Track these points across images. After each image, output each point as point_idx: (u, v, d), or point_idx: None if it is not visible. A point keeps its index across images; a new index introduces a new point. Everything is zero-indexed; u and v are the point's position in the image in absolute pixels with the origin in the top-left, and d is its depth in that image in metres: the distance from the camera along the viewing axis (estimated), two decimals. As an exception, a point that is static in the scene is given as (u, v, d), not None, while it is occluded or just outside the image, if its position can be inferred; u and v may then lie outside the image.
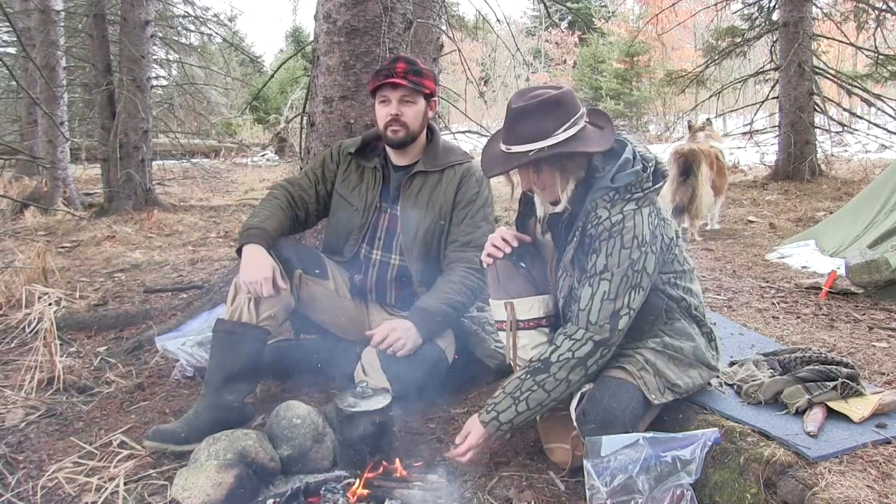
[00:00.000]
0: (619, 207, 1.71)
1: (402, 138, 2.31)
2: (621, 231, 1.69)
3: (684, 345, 1.84)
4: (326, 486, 1.73)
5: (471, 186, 2.37)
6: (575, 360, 1.70)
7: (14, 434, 2.19)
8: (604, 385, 1.74)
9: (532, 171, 1.76)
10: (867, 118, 11.05)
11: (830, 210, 6.14)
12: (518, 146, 1.72)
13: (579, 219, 1.76)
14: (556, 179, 1.76)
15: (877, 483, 1.47)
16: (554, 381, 1.70)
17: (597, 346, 1.70)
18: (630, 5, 26.60)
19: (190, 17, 10.14)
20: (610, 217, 1.70)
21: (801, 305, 3.13)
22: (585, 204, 1.75)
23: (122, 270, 4.66)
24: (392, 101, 2.27)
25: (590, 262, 1.73)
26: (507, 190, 1.95)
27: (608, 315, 1.69)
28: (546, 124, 1.69)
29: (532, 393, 1.72)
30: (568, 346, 1.71)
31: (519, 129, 1.72)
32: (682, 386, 1.81)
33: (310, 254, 2.43)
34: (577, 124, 1.72)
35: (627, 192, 1.72)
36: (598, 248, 1.71)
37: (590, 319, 1.70)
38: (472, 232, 2.35)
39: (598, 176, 1.76)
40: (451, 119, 13.89)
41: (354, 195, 2.42)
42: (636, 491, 1.55)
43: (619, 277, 1.68)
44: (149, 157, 7.76)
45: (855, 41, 9.75)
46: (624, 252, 1.68)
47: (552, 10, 13.18)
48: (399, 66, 2.26)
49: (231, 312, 2.18)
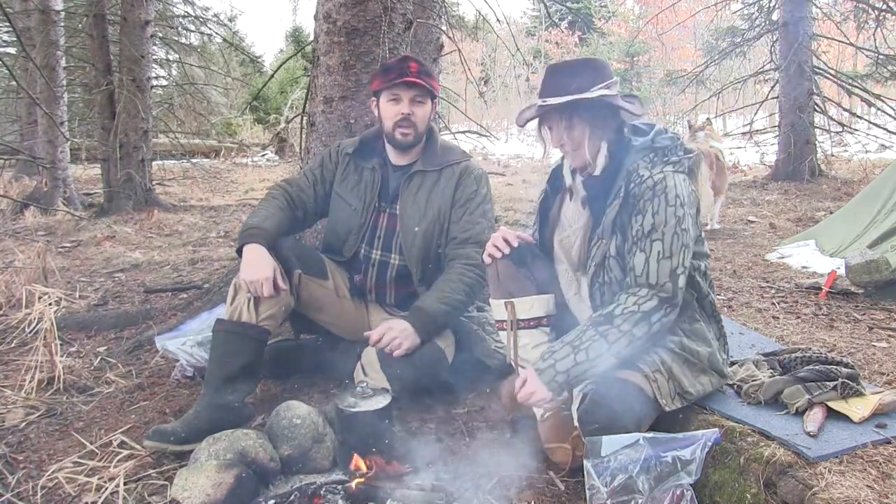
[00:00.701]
0: (660, 168, 1.75)
1: (410, 140, 2.32)
2: (665, 189, 1.72)
3: (701, 349, 1.83)
4: (327, 487, 1.73)
5: (469, 184, 2.37)
6: (640, 313, 1.68)
7: (14, 434, 2.19)
8: (608, 385, 1.73)
9: (565, 124, 1.79)
10: (867, 118, 11.05)
11: (830, 210, 6.14)
12: (553, 98, 1.76)
13: (620, 178, 1.78)
14: (586, 136, 1.79)
15: (877, 483, 1.47)
16: (618, 332, 1.68)
17: (661, 303, 1.69)
18: (630, 5, 26.61)
19: (190, 17, 10.13)
20: (652, 176, 1.73)
21: (801, 305, 3.13)
22: (626, 164, 1.78)
23: (122, 270, 4.66)
24: (404, 100, 2.27)
25: (635, 224, 1.74)
26: (507, 190, 1.97)
27: (667, 273, 1.70)
28: (582, 81, 1.75)
29: (593, 342, 1.69)
30: (633, 300, 1.70)
31: (555, 83, 1.78)
32: (693, 393, 1.81)
33: (309, 254, 2.44)
34: (611, 88, 1.77)
35: (665, 155, 1.78)
36: (644, 209, 1.72)
37: (650, 281, 1.71)
38: (470, 228, 2.34)
39: (630, 143, 1.81)
40: (451, 119, 13.90)
41: (353, 195, 2.42)
42: (636, 491, 1.55)
43: (669, 236, 1.70)
44: (149, 157, 7.76)
45: (855, 41, 9.76)
46: (669, 209, 1.71)
47: (552, 10, 13.19)
48: (413, 66, 2.26)
49: (231, 312, 2.18)
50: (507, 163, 15.15)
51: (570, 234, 1.93)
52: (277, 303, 2.20)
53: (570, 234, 1.93)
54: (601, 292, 1.82)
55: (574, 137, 1.80)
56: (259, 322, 2.17)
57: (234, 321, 2.17)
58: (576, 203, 1.92)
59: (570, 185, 1.94)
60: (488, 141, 11.34)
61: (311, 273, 2.34)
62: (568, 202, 1.96)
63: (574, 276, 1.93)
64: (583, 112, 1.77)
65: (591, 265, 1.84)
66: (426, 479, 1.83)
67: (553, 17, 16.14)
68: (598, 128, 1.80)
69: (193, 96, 10.44)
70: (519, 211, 6.49)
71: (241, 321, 2.16)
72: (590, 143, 1.80)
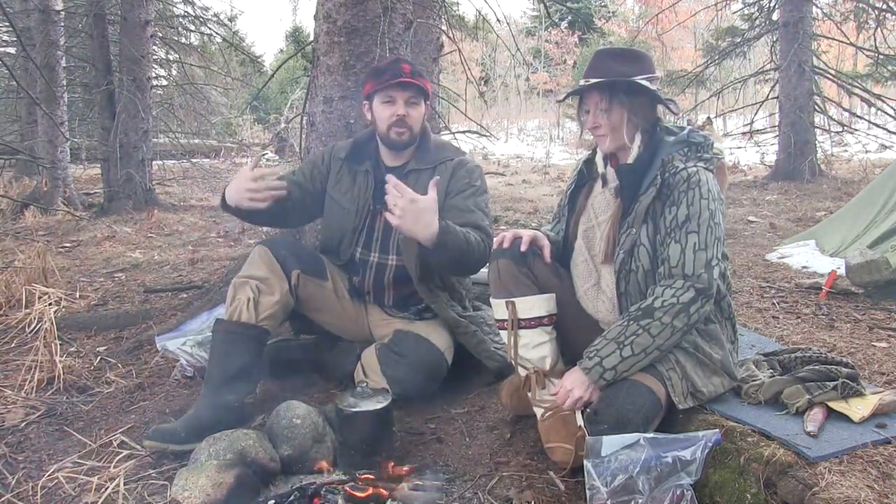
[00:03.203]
0: (694, 162, 1.80)
1: (406, 140, 2.31)
2: (698, 183, 1.75)
3: (714, 352, 1.84)
4: (327, 487, 1.73)
5: (461, 177, 2.35)
6: (679, 305, 1.69)
7: (14, 434, 2.19)
8: (616, 385, 1.73)
9: (604, 105, 1.82)
10: (867, 118, 11.06)
11: (830, 210, 6.14)
12: (597, 78, 1.81)
13: (655, 168, 1.81)
14: (623, 122, 1.82)
15: (877, 483, 1.47)
16: (660, 325, 1.69)
17: (698, 294, 1.70)
18: (630, 5, 26.62)
19: (190, 17, 10.13)
20: (686, 168, 1.77)
21: (801, 305, 3.13)
22: (661, 155, 1.82)
23: (122, 270, 4.66)
24: (399, 101, 2.27)
25: (669, 214, 1.76)
26: (507, 190, 1.97)
27: (703, 264, 1.71)
28: (627, 68, 1.81)
29: (637, 337, 1.70)
30: (671, 293, 1.71)
31: (601, 65, 1.83)
32: (705, 393, 1.81)
33: (308, 254, 2.43)
34: (652, 82, 1.81)
35: (699, 151, 1.82)
36: (678, 200, 1.75)
37: (686, 272, 1.72)
38: (464, 216, 2.25)
39: (663, 139, 1.85)
40: (451, 119, 13.89)
41: (346, 198, 2.42)
42: (636, 491, 1.55)
43: (704, 228, 1.73)
44: (149, 157, 7.76)
45: (855, 41, 9.75)
46: (703, 202, 1.74)
47: (552, 10, 13.18)
48: (405, 67, 2.26)
49: (230, 312, 2.18)
50: (507, 163, 15.16)
51: (595, 225, 1.95)
52: (277, 302, 2.19)
53: (596, 224, 1.95)
54: (626, 280, 1.84)
55: (611, 120, 1.83)
56: (259, 322, 2.17)
57: (233, 321, 2.17)
58: (606, 192, 1.94)
59: (602, 172, 1.95)
60: (488, 141, 11.33)
61: (309, 273, 2.34)
62: (596, 192, 1.98)
63: (594, 267, 1.94)
64: (623, 96, 1.81)
65: (619, 252, 1.84)
66: (426, 480, 1.83)
67: (553, 17, 16.14)
68: (636, 115, 1.83)
69: (193, 96, 10.44)
70: (519, 211, 6.48)
71: (240, 321, 2.16)
72: (626, 129, 1.83)
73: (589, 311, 1.97)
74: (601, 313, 1.94)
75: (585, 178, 2.05)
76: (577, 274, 1.99)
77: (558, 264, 2.02)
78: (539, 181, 10.87)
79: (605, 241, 1.89)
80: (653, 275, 1.81)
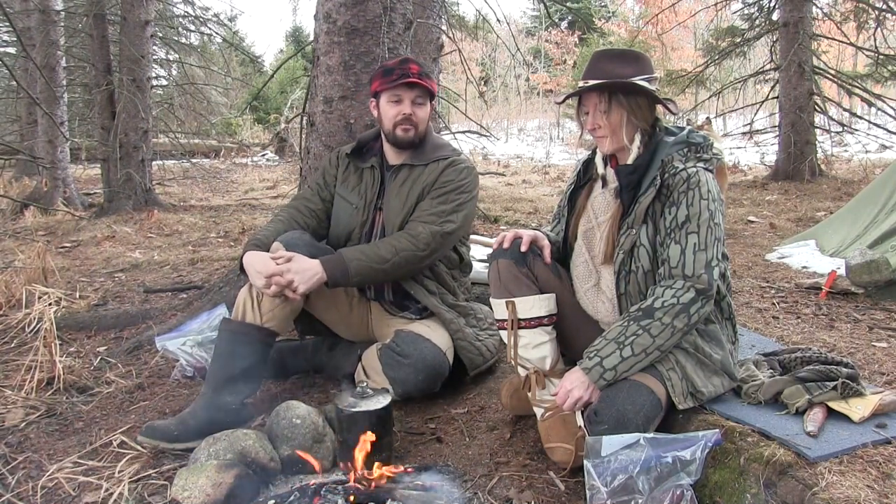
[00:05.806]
0: (693, 162, 1.80)
1: (412, 138, 2.32)
2: (698, 183, 1.75)
3: (714, 352, 1.84)
4: (327, 487, 1.73)
5: (449, 173, 2.34)
6: (679, 305, 1.70)
7: (14, 434, 2.19)
8: (616, 386, 1.73)
9: (603, 106, 1.82)
10: (867, 118, 11.05)
11: (830, 210, 6.14)
12: (595, 80, 1.81)
13: (655, 168, 1.81)
14: (622, 123, 1.82)
15: (877, 483, 1.47)
16: (660, 325, 1.70)
17: (698, 294, 1.71)
18: (630, 5, 26.60)
19: (190, 17, 10.14)
20: (686, 169, 1.77)
21: (801, 305, 3.13)
22: (660, 156, 1.82)
23: (122, 270, 4.66)
24: (405, 100, 2.29)
25: (668, 215, 1.76)
26: (507, 190, 1.97)
27: (703, 265, 1.72)
28: (625, 69, 1.81)
29: (637, 338, 1.70)
30: (671, 293, 1.71)
31: (599, 67, 1.83)
32: (704, 393, 1.81)
33: (321, 251, 2.42)
34: (651, 82, 1.82)
35: (699, 152, 1.82)
36: (678, 201, 1.75)
37: (686, 273, 1.72)
38: (431, 209, 2.28)
39: (662, 139, 1.86)
40: (451, 119, 13.89)
41: (354, 194, 2.43)
42: (636, 491, 1.55)
43: (704, 228, 1.73)
44: (149, 157, 7.75)
45: (855, 41, 9.75)
46: (703, 202, 1.74)
47: (552, 10, 13.19)
48: (413, 68, 2.28)
49: (236, 312, 2.18)
50: (507, 163, 15.16)
51: (595, 226, 1.95)
52: (287, 305, 2.19)
53: (596, 224, 1.95)
54: (626, 281, 1.84)
55: (611, 121, 1.83)
56: (265, 323, 2.17)
57: (240, 321, 2.17)
58: (606, 193, 1.94)
59: (602, 173, 1.95)
60: (488, 141, 11.34)
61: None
62: (596, 192, 1.98)
63: (594, 267, 1.94)
64: (622, 97, 1.81)
65: (618, 253, 1.84)
66: (426, 480, 1.83)
67: (553, 17, 16.16)
68: (635, 116, 1.83)
69: (193, 96, 10.45)
70: (519, 211, 6.48)
71: (246, 321, 2.16)
72: (626, 129, 1.83)
73: (589, 312, 1.97)
74: (601, 314, 1.94)
75: (585, 179, 2.05)
76: (577, 274, 1.99)
77: (558, 265, 2.02)
78: (539, 181, 10.86)
79: (605, 242, 1.90)
80: (652, 275, 1.81)
